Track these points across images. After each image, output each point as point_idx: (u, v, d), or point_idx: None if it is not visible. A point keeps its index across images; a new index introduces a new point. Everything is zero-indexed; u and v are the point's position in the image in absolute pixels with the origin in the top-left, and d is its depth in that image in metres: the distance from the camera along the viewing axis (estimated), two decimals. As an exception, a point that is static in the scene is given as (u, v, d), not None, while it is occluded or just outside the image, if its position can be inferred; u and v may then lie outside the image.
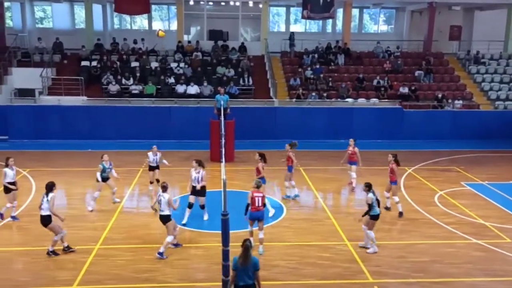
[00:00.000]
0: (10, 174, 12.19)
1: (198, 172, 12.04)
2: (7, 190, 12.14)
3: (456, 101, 23.58)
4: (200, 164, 12.13)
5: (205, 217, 12.62)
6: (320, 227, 12.20)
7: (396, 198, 13.05)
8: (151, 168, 14.58)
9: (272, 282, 9.42)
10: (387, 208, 13.44)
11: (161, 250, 10.21)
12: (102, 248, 10.75)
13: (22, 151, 19.21)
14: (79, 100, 21.98)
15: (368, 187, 10.67)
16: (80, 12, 29.71)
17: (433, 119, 22.85)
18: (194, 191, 12.08)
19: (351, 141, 15.38)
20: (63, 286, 9.12)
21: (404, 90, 23.89)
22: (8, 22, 28.01)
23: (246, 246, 7.23)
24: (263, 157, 13.03)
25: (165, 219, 10.31)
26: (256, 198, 10.41)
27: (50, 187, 10.33)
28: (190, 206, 12.20)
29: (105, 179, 13.23)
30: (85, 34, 26.51)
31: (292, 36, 26.85)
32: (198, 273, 9.72)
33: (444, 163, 18.75)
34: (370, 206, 10.52)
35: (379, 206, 10.77)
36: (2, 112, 21.25)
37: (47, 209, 10.21)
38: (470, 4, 28.63)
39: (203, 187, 12.11)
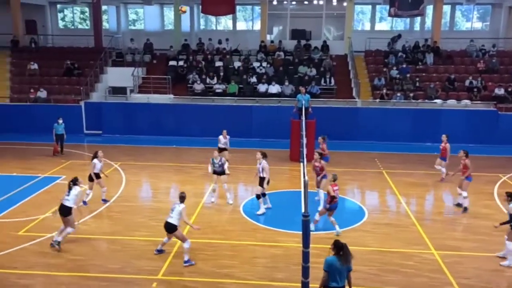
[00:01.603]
0: (98, 166, 13.33)
1: (260, 163, 12.72)
2: (91, 179, 13.31)
3: (561, 104, 21.55)
4: (264, 155, 12.77)
5: (259, 211, 12.85)
6: (403, 233, 11.70)
7: (465, 193, 13.10)
8: (221, 150, 15.69)
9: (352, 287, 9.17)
10: (459, 205, 13.38)
11: (185, 258, 9.92)
12: (185, 241, 11.12)
13: (114, 145, 20.52)
14: (166, 98, 23.02)
15: (510, 197, 10.13)
16: (169, 14, 31.09)
17: (532, 123, 21.06)
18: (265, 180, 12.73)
19: (444, 137, 15.53)
20: (148, 275, 9.57)
21: (500, 91, 22.25)
22: (105, 25, 30.00)
23: (346, 246, 7.16)
24: (321, 155, 13.45)
25: (173, 228, 9.87)
26: (336, 191, 11.24)
27: (74, 182, 11.07)
28: (263, 195, 13.01)
29: (217, 173, 13.71)
30: (173, 35, 27.69)
31: (396, 38, 26.00)
32: (276, 273, 9.73)
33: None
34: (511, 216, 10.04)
35: None
36: (97, 108, 22.85)
37: (72, 201, 10.67)
38: None
39: (262, 179, 12.69)
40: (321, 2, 27.30)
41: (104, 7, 29.59)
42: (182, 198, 10.13)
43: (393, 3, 24.38)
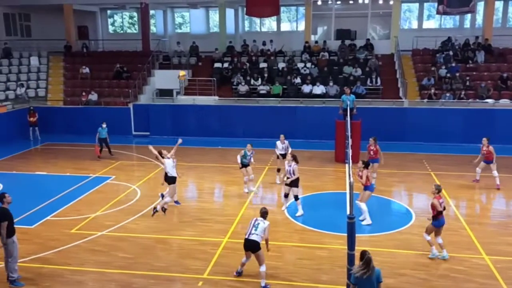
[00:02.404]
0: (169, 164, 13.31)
1: (290, 166, 12.82)
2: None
3: None
4: (294, 159, 12.90)
5: (298, 213, 12.84)
6: (453, 237, 11.33)
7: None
8: (279, 156, 15.52)
9: (398, 291, 9.02)
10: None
11: (262, 284, 9.17)
12: (230, 241, 11.27)
13: (161, 146, 20.94)
14: (211, 100, 23.39)
15: None
16: (214, 16, 31.57)
17: None
18: (288, 183, 12.92)
19: (484, 140, 15.01)
20: (194, 274, 9.77)
21: (558, 89, 21.15)
22: (152, 28, 30.83)
23: (369, 258, 6.77)
24: (366, 165, 12.25)
25: (257, 246, 9.09)
26: (442, 204, 10.10)
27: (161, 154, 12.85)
28: (286, 195, 13.15)
29: (244, 165, 14.50)
30: (218, 37, 28.09)
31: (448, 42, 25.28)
32: (322, 275, 9.68)
33: None
34: None
35: None
36: (145, 110, 23.51)
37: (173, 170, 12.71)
38: None
39: (296, 180, 12.84)
40: (366, 1, 26.87)
41: (151, 12, 30.41)
42: (265, 214, 9.42)
43: (441, 1, 23.65)
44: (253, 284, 9.34)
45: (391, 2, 26.29)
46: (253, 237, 9.10)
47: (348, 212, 8.35)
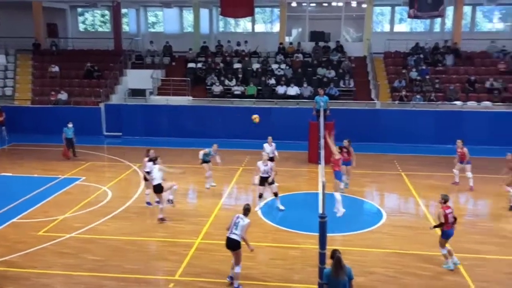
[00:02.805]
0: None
1: (266, 165, 13.05)
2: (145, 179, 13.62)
3: None
4: (270, 159, 13.45)
5: (281, 207, 13.20)
6: (422, 236, 11.55)
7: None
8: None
9: (369, 290, 9.13)
10: None
11: (235, 285, 9.11)
12: (203, 242, 11.20)
13: (133, 147, 20.75)
14: (185, 100, 23.22)
15: None
16: (188, 16, 31.34)
17: (556, 125, 20.57)
18: (263, 182, 13.11)
19: (459, 142, 15.15)
20: (166, 276, 9.65)
21: (522, 92, 21.82)
22: (125, 27, 30.39)
23: (338, 258, 6.82)
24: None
25: (237, 245, 8.98)
26: (449, 215, 9.66)
27: (153, 160, 12.58)
28: (260, 196, 13.30)
29: (206, 161, 14.95)
30: (192, 37, 27.89)
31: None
32: (294, 274, 9.72)
33: None
34: None
35: None
36: (117, 110, 23.15)
37: (159, 177, 12.17)
38: None
39: (265, 178, 13.08)
40: (340, 4, 27.17)
41: (124, 10, 29.97)
42: (246, 211, 9.18)
43: (412, 5, 24.08)
44: (226, 285, 9.28)
45: (364, 6, 26.65)
46: (233, 236, 8.99)
47: (320, 211, 8.40)
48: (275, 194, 13.28)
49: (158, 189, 12.32)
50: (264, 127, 21.74)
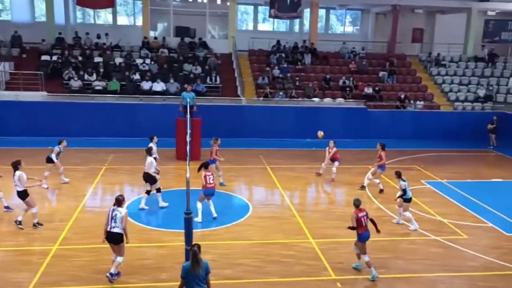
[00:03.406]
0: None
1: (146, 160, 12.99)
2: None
3: (418, 102, 24.16)
4: (147, 151, 13.29)
5: (162, 204, 13.11)
6: (285, 225, 12.21)
7: (377, 180, 15.12)
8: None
9: (236, 280, 9.36)
10: (363, 187, 15.28)
11: (112, 270, 9.04)
12: (61, 248, 10.40)
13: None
14: (38, 96, 21.25)
15: (398, 175, 12.21)
16: (40, 4, 28.73)
17: (396, 119, 23.31)
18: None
19: (331, 143, 16.37)
20: (18, 288, 8.77)
21: (369, 90, 24.28)
22: (-36, 14, 26.86)
23: (194, 252, 6.84)
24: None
25: (119, 238, 8.93)
26: (362, 218, 9.58)
27: (15, 166, 11.22)
28: (148, 192, 13.04)
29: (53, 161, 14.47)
30: (45, 28, 25.67)
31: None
32: (161, 273, 9.53)
33: (406, 162, 19.14)
34: (404, 191, 12.02)
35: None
36: (-44, 107, 20.32)
37: (20, 186, 11.13)
38: (432, 8, 29.42)
39: (146, 174, 12.88)
40: (204, 0, 27.33)
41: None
42: (119, 202, 8.92)
43: (273, 5, 25.30)
44: (87, 291, 8.77)
45: (228, 3, 27.18)
46: (115, 230, 8.84)
47: (186, 208, 8.38)
48: (158, 190, 13.05)
49: (21, 195, 11.27)
50: (129, 124, 21.11)
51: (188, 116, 16.72)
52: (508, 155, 20.80)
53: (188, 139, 15.73)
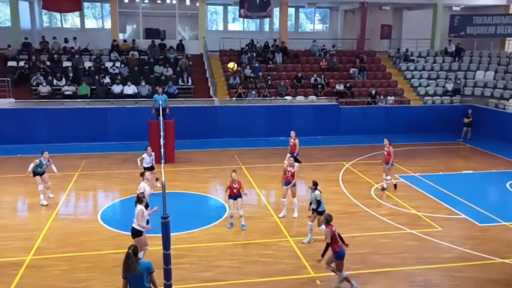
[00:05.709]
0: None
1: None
2: None
3: (389, 97, 24.57)
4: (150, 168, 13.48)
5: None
6: (262, 225, 12.24)
7: (388, 177, 15.13)
8: (147, 169, 13.82)
9: (216, 283, 9.34)
10: (383, 189, 15.18)
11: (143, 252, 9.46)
12: (35, 258, 10.17)
13: None
14: (6, 103, 20.67)
15: (315, 185, 11.11)
16: (5, 9, 27.98)
17: (367, 115, 23.63)
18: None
19: (292, 133, 16.31)
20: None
21: (340, 87, 24.56)
22: None
23: (127, 254, 6.87)
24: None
25: (134, 232, 9.45)
26: (336, 234, 9.04)
27: None
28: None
29: (40, 174, 13.37)
30: (11, 33, 25.01)
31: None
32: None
33: (379, 157, 19.41)
34: (319, 203, 10.99)
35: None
36: None
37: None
38: (399, 4, 29.96)
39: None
40: (174, 1, 27.10)
41: None
42: (139, 199, 9.56)
43: (243, 5, 25.31)
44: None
45: (197, 4, 27.03)
46: (132, 225, 9.46)
47: (163, 212, 8.28)
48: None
49: None
50: (100, 128, 20.76)
51: (161, 118, 16.61)
52: (477, 147, 21.35)
53: (162, 141, 15.70)
